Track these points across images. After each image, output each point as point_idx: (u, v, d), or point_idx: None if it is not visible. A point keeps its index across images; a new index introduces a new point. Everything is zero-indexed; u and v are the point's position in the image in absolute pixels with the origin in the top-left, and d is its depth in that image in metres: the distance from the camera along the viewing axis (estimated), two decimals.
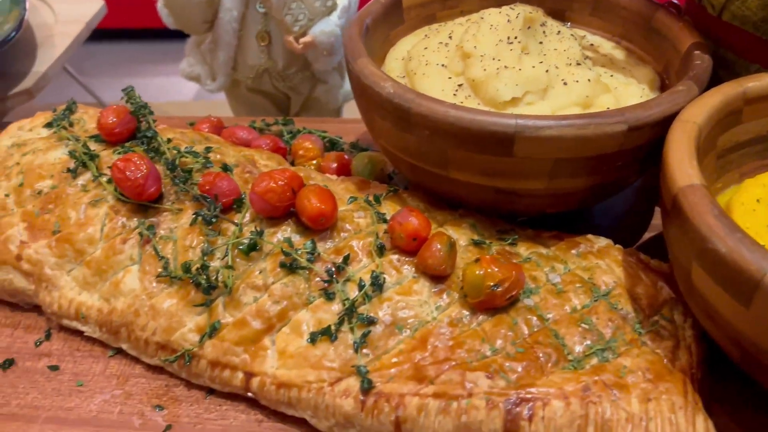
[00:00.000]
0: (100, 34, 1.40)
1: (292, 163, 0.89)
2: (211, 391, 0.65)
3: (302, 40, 1.02)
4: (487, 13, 0.79)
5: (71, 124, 0.87)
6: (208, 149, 0.80)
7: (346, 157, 0.88)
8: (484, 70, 0.72)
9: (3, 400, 0.65)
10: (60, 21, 1.33)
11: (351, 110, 1.32)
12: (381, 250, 0.67)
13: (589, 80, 0.72)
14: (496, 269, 0.61)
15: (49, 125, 0.88)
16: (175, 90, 2.22)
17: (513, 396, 0.55)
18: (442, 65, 0.76)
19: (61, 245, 0.71)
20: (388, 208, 0.73)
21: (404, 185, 0.81)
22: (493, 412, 0.54)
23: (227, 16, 1.05)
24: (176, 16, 1.08)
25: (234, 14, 1.05)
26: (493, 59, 0.73)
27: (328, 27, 1.03)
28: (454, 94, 0.72)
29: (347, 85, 1.16)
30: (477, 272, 0.61)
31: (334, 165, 0.87)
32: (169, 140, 0.79)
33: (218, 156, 0.79)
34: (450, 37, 0.80)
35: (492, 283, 0.60)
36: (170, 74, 2.28)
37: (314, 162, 0.88)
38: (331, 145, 0.94)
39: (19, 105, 1.13)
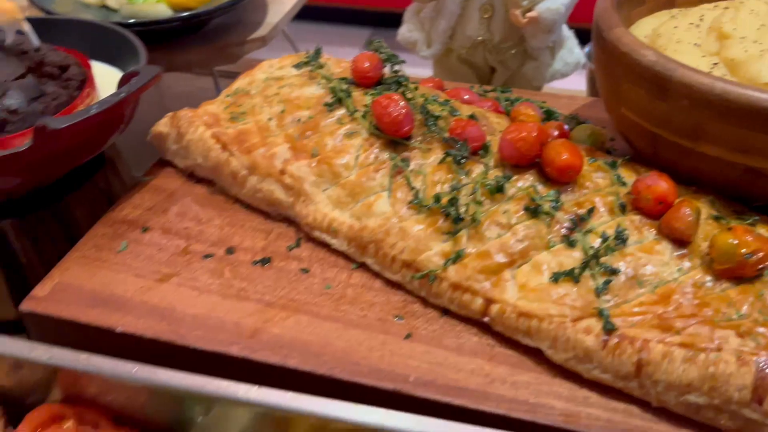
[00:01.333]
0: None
1: None
2: (445, 312, 0.71)
3: (528, 14, 1.07)
4: None
5: (320, 67, 0.96)
6: (446, 101, 0.87)
7: (565, 127, 0.91)
8: (746, 51, 0.73)
9: (264, 290, 0.74)
10: None
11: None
12: (623, 209, 0.70)
13: None
14: (750, 239, 0.62)
15: (297, 66, 0.98)
16: None
17: (765, 356, 0.56)
18: (695, 44, 0.78)
19: (320, 166, 0.79)
20: (624, 174, 0.75)
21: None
22: (743, 369, 0.56)
23: None
24: None
25: None
26: (755, 42, 0.74)
27: (554, 5, 1.06)
28: (710, 72, 0.73)
29: (556, 65, 1.19)
30: (730, 240, 0.62)
31: (555, 133, 0.90)
32: (416, 87, 0.86)
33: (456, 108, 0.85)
34: (701, 20, 0.81)
35: (746, 252, 0.61)
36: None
37: None
38: (547, 116, 0.98)
39: (253, 50, 1.25)
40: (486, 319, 0.68)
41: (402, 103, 0.78)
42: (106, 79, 0.97)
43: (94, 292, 0.74)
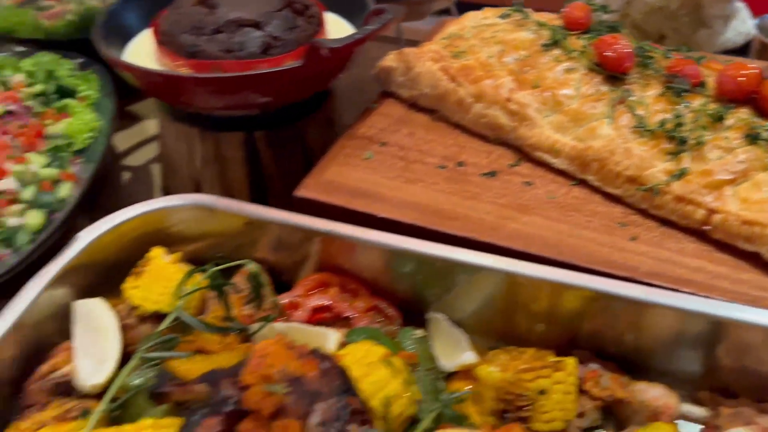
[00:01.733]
0: None
1: None
2: (663, 223, 0.81)
3: None
4: None
5: (526, 17, 1.07)
6: (654, 47, 0.96)
7: None
8: None
9: (495, 196, 0.86)
10: None
11: None
12: None
13: None
14: None
15: (503, 16, 1.09)
16: None
17: None
18: None
19: (544, 95, 0.91)
20: None
21: None
22: None
23: None
24: None
25: None
26: None
27: None
28: None
29: (728, 33, 1.26)
30: None
31: None
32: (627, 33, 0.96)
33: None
34: None
35: None
36: None
37: None
38: None
39: (438, 8, 1.38)
40: (706, 227, 0.77)
41: (625, 42, 0.88)
42: (330, 26, 1.11)
43: (352, 187, 0.88)
